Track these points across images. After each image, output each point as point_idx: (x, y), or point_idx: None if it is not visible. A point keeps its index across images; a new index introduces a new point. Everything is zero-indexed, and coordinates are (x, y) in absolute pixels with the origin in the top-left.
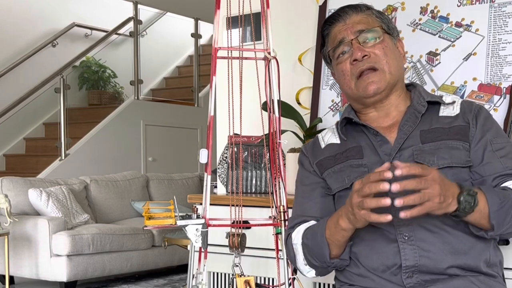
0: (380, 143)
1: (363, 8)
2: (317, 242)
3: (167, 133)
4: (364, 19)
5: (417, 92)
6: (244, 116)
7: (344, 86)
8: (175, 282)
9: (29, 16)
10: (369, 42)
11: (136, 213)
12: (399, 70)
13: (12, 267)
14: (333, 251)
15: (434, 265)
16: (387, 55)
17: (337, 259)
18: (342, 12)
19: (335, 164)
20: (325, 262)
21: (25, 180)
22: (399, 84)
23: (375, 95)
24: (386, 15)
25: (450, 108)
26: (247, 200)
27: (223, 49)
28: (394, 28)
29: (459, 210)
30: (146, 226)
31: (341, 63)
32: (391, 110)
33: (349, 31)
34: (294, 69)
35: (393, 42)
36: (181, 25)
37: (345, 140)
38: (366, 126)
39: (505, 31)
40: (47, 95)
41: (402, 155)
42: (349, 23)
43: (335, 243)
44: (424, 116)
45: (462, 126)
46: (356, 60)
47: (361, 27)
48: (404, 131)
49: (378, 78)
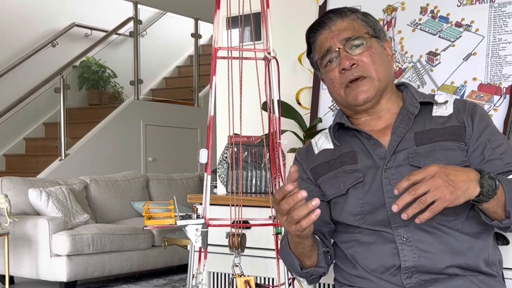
0: (373, 147)
1: (348, 12)
2: (286, 255)
3: (167, 133)
4: (350, 25)
5: (409, 93)
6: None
7: (333, 94)
8: (175, 282)
9: (29, 16)
10: (356, 49)
11: (136, 213)
12: (388, 74)
13: (12, 267)
14: (305, 262)
15: (433, 265)
16: (375, 62)
17: (313, 268)
18: (326, 19)
19: (329, 170)
20: (299, 273)
21: (25, 180)
22: (388, 87)
23: (365, 103)
24: (371, 16)
25: (443, 107)
26: (247, 200)
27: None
28: (381, 30)
29: (483, 194)
30: (146, 226)
31: (330, 71)
32: (383, 113)
33: (336, 39)
34: (294, 69)
35: (380, 44)
36: (181, 25)
37: (339, 145)
38: (359, 130)
39: (505, 31)
40: (47, 95)
41: (396, 158)
42: (335, 30)
43: (301, 255)
44: (417, 117)
45: (456, 126)
46: (344, 69)
47: (348, 34)
48: (397, 134)
49: (367, 87)
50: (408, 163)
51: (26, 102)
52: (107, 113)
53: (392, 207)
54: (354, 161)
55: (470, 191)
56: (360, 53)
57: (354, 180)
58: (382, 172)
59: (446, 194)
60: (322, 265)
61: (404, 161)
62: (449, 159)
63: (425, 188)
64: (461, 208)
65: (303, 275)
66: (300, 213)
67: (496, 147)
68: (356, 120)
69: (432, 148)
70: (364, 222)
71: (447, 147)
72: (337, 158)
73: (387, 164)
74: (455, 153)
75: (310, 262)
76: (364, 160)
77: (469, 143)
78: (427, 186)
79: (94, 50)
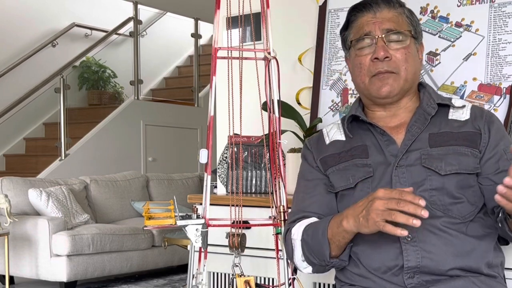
0: (386, 143)
1: (396, 4)
2: (318, 240)
3: (167, 133)
4: (395, 18)
5: (427, 93)
6: (244, 116)
7: (357, 79)
8: (175, 282)
9: (29, 16)
10: (394, 44)
11: (136, 213)
12: (415, 76)
13: (12, 267)
14: (333, 251)
15: (436, 266)
16: (408, 61)
17: (336, 259)
18: (374, 3)
19: (339, 162)
20: (324, 261)
21: (25, 180)
22: (412, 89)
23: (386, 97)
24: (415, 16)
25: (459, 112)
26: (247, 200)
27: (223, 49)
28: (420, 32)
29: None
30: (146, 226)
31: (361, 56)
32: (400, 111)
33: (377, 27)
34: (294, 69)
35: (416, 46)
36: (181, 25)
37: (351, 137)
38: (373, 124)
39: (505, 31)
40: (47, 95)
41: (408, 157)
42: (379, 17)
43: (336, 244)
44: (433, 118)
45: (472, 133)
46: (377, 59)
47: (391, 26)
48: (412, 133)
49: (393, 81)
50: (420, 163)
51: (26, 102)
52: (107, 113)
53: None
54: (365, 155)
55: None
56: (397, 48)
57: (364, 175)
58: (393, 169)
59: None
60: (345, 259)
61: (416, 161)
62: (461, 164)
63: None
64: (468, 213)
65: (327, 264)
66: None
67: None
68: (371, 113)
69: (446, 151)
70: None
71: (461, 152)
72: (348, 150)
73: (398, 162)
74: (468, 159)
75: (337, 253)
76: (375, 155)
77: (484, 151)
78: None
79: (94, 50)
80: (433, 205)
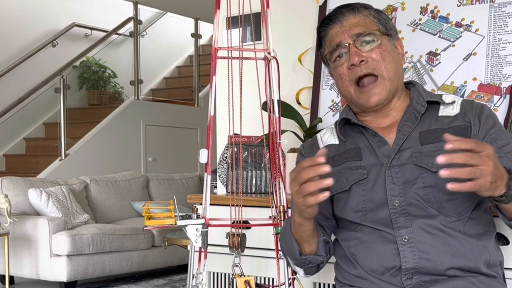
0: (378, 144)
1: (360, 8)
2: (286, 239)
3: (167, 133)
4: (361, 21)
5: (417, 91)
6: (244, 116)
7: (342, 90)
8: (175, 282)
9: (29, 16)
10: (367, 46)
11: (136, 213)
12: (398, 73)
13: (12, 267)
14: (304, 248)
15: (434, 266)
16: (385, 60)
17: (311, 255)
18: (338, 13)
19: (333, 165)
20: (297, 259)
21: (25, 180)
22: (399, 87)
23: (377, 106)
24: (384, 13)
25: (449, 107)
26: (247, 200)
27: (223, 49)
28: (393, 28)
29: (506, 196)
30: (146, 226)
31: (339, 66)
32: (391, 111)
33: (346, 35)
34: (294, 69)
35: (391, 43)
36: (181, 25)
37: (344, 141)
38: (365, 127)
39: (505, 31)
40: (47, 95)
41: (400, 156)
42: (346, 26)
43: (301, 239)
44: (424, 116)
45: (462, 126)
46: (353, 65)
47: (359, 30)
48: (403, 132)
49: (380, 89)
50: (412, 162)
51: (26, 102)
52: (107, 113)
53: (443, 172)
54: (358, 157)
55: (498, 189)
56: (370, 49)
57: (358, 177)
58: (386, 170)
59: (488, 180)
60: (321, 253)
61: (408, 160)
62: None
63: (478, 162)
64: (464, 209)
65: (300, 262)
66: (311, 187)
67: (502, 146)
68: (362, 116)
69: (436, 148)
70: (366, 220)
71: None
72: (342, 154)
73: (391, 162)
74: None
75: (310, 248)
76: (368, 157)
77: None
78: (480, 162)
79: (94, 50)
80: (428, 203)
